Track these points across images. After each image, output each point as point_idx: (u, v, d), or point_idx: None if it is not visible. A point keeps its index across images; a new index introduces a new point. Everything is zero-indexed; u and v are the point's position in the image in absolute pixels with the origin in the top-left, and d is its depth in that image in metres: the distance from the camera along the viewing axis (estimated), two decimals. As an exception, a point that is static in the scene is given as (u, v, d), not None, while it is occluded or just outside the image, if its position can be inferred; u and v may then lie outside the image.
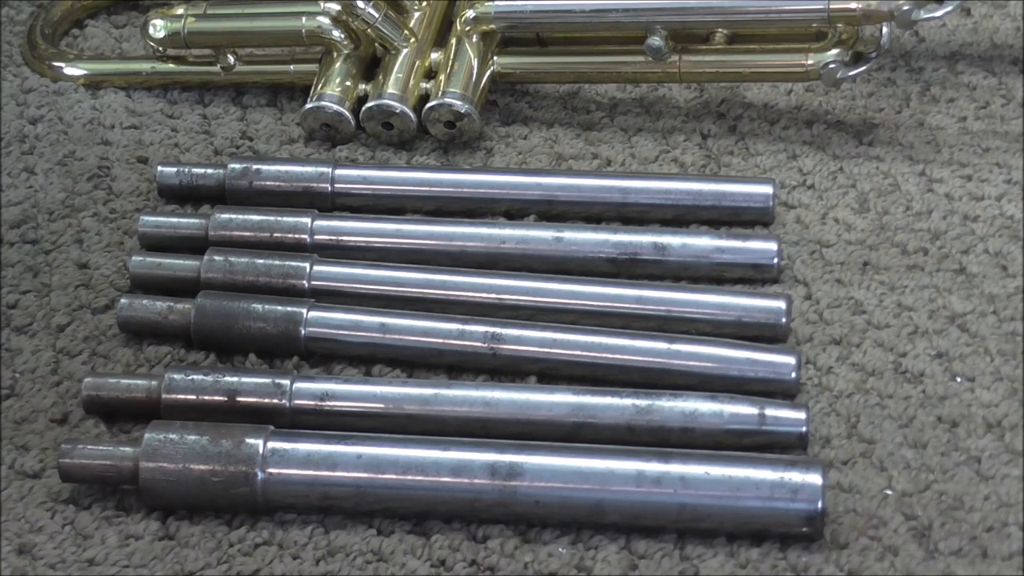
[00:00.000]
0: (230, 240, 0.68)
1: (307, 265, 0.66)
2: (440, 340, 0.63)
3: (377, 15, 0.75)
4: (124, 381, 0.62)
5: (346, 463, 0.57)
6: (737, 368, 0.61)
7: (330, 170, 0.71)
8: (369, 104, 0.74)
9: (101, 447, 0.58)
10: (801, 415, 0.59)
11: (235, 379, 0.61)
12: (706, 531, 0.56)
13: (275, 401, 0.60)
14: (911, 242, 0.68)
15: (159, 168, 0.73)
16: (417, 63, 0.76)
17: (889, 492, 0.57)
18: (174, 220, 0.70)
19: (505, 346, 0.63)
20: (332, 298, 0.65)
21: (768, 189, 0.70)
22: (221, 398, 0.60)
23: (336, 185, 0.71)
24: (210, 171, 0.72)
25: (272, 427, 0.58)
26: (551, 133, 0.76)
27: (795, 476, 0.55)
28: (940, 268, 0.67)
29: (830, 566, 0.55)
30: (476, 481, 0.56)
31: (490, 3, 0.75)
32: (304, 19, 0.76)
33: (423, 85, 0.75)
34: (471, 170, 0.74)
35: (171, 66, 0.80)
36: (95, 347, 0.65)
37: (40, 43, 0.82)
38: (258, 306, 0.64)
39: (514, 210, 0.71)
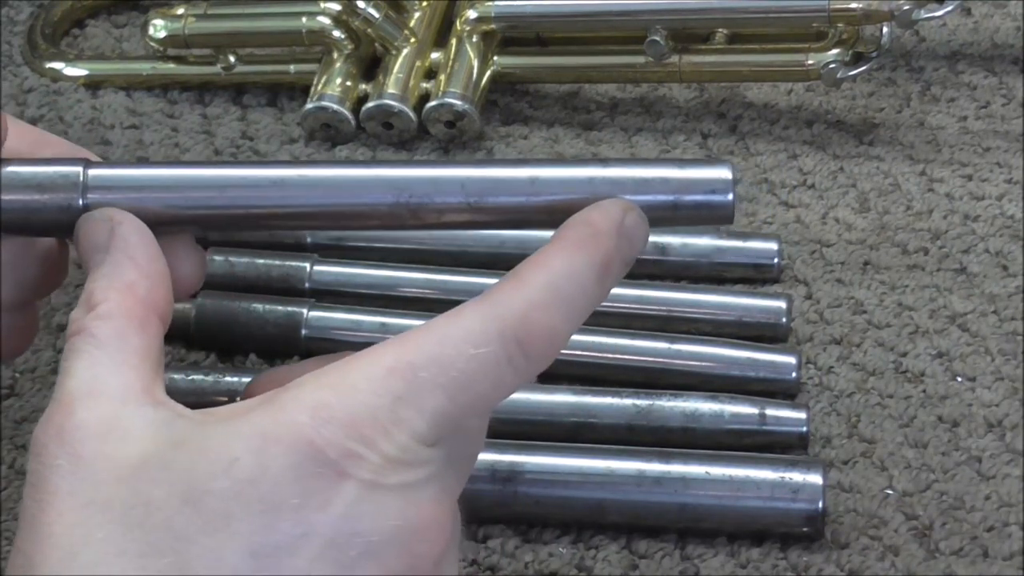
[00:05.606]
0: (230, 240, 0.68)
1: (307, 265, 0.66)
2: (440, 340, 0.63)
3: (378, 15, 0.75)
4: (124, 381, 0.62)
5: (346, 463, 0.57)
6: (738, 368, 0.61)
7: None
8: (369, 104, 0.74)
9: (101, 447, 0.58)
10: (802, 415, 0.59)
11: (235, 379, 0.61)
12: (707, 531, 0.56)
13: (275, 401, 0.60)
14: (911, 242, 0.68)
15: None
16: (417, 63, 0.76)
17: (890, 492, 0.57)
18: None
19: (505, 346, 0.63)
20: (332, 298, 0.65)
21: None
22: (221, 398, 0.60)
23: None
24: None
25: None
26: (551, 133, 0.76)
27: (796, 476, 0.55)
28: (941, 268, 0.67)
29: (831, 566, 0.55)
30: (476, 481, 0.56)
31: (490, 3, 0.75)
32: (304, 19, 0.76)
33: (423, 85, 0.75)
34: (471, 170, 0.73)
35: (171, 66, 0.80)
36: (95, 347, 0.65)
37: (40, 43, 0.82)
38: (258, 306, 0.64)
39: (514, 210, 0.71)
